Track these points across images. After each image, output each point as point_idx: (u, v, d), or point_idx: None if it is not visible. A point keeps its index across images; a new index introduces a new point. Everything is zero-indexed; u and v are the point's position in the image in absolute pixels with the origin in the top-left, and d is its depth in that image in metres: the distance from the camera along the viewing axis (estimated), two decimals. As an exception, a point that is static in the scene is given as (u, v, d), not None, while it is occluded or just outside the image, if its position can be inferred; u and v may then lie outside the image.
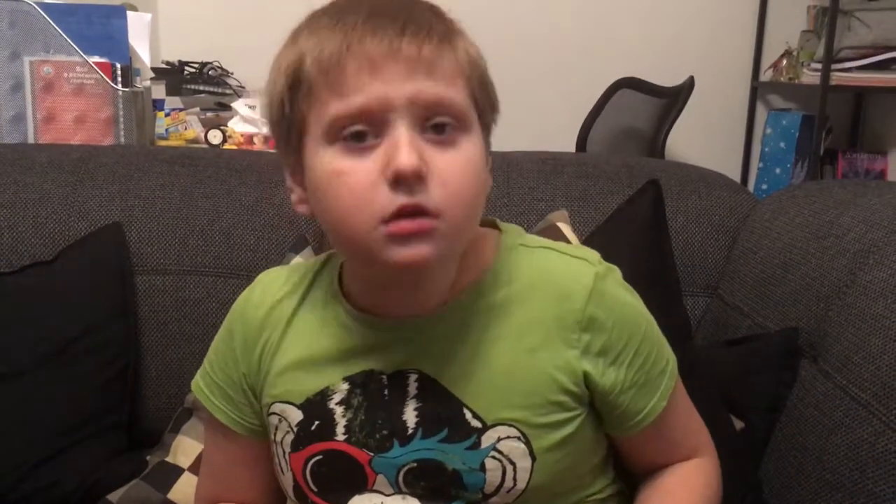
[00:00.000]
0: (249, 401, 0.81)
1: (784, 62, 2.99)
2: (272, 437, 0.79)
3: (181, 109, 2.43)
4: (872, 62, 2.65)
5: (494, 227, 0.80)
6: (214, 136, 2.23)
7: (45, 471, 1.07)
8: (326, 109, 0.65)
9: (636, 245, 1.12)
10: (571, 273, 0.75)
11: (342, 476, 0.75)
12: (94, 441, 1.12)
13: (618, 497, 0.82)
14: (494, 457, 0.72)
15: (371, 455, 0.74)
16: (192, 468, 1.09)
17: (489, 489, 0.72)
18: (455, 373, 0.73)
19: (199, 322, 1.22)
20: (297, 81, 0.67)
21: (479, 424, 0.72)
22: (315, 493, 0.77)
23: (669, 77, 2.73)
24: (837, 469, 0.86)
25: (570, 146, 2.71)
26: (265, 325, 0.79)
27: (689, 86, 2.61)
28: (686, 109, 2.59)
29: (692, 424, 0.83)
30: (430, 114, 0.66)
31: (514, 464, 0.72)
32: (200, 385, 0.84)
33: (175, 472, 1.09)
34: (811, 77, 2.77)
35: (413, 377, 0.74)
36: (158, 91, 2.38)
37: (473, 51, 0.70)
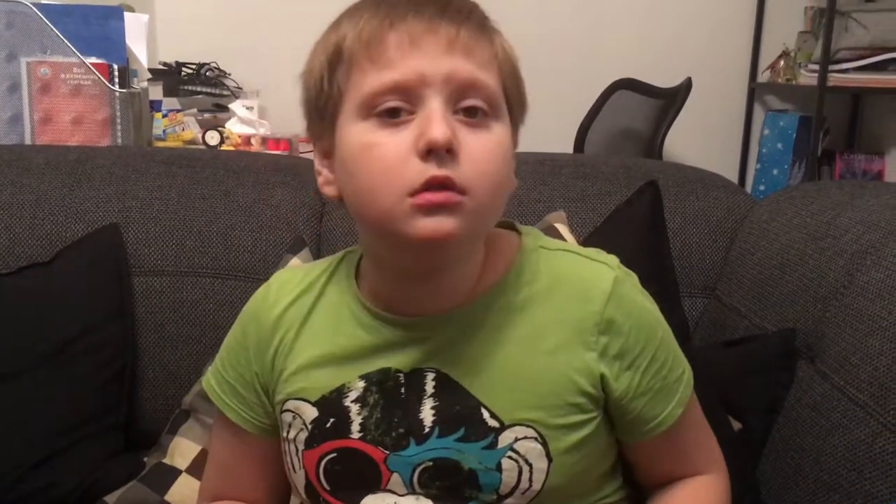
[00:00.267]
0: (261, 400, 0.81)
1: (781, 63, 2.99)
2: (285, 435, 0.79)
3: (178, 110, 2.43)
4: (870, 63, 2.65)
5: (513, 230, 0.80)
6: (212, 138, 2.23)
7: (43, 472, 1.07)
8: (365, 80, 0.67)
9: (634, 246, 1.12)
10: (591, 276, 0.75)
11: (356, 474, 0.75)
12: (92, 442, 1.12)
13: (626, 502, 0.82)
14: (511, 457, 0.72)
15: (386, 453, 0.74)
16: (190, 470, 1.09)
17: (504, 490, 0.72)
18: (473, 372, 0.73)
19: (197, 323, 1.22)
20: (338, 56, 0.69)
21: (497, 424, 0.72)
22: (328, 492, 0.76)
23: (667, 78, 2.73)
24: (835, 470, 0.86)
25: (568, 147, 2.71)
26: (279, 325, 0.79)
27: (687, 87, 2.61)
28: (684, 110, 2.59)
29: (705, 438, 0.83)
30: (464, 94, 0.67)
31: (531, 465, 0.72)
32: (212, 383, 0.84)
33: (172, 474, 1.09)
34: (808, 78, 2.77)
35: (430, 375, 0.74)
36: (156, 92, 2.38)
37: (508, 47, 0.72)
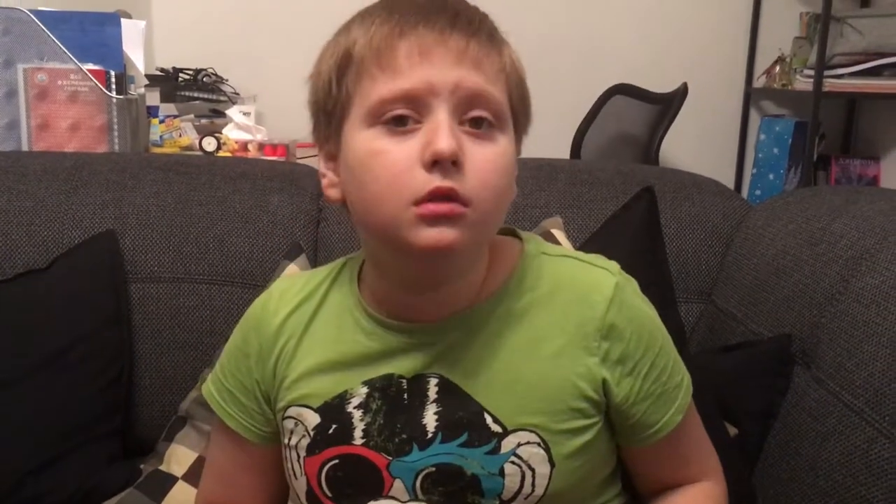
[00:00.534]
0: (262, 408, 0.81)
1: (777, 69, 3.00)
2: (286, 442, 0.79)
3: (175, 116, 2.43)
4: (865, 69, 2.66)
5: (514, 236, 0.81)
6: (209, 143, 2.23)
7: (39, 479, 1.07)
8: (374, 87, 0.68)
9: (630, 251, 1.12)
10: (593, 281, 0.76)
11: (358, 481, 0.75)
12: (88, 449, 1.12)
13: None
14: (514, 462, 0.72)
15: (389, 459, 0.74)
16: (186, 477, 1.09)
17: (507, 495, 0.72)
18: (476, 377, 0.74)
19: (193, 330, 1.22)
20: (347, 61, 0.69)
21: (500, 429, 0.72)
22: (329, 499, 0.76)
23: (663, 83, 2.74)
24: (831, 475, 0.86)
25: (565, 153, 2.71)
26: (281, 333, 0.79)
27: (683, 92, 2.61)
28: (680, 116, 2.59)
29: (703, 446, 0.83)
30: (471, 105, 0.68)
31: (534, 470, 0.72)
32: (212, 391, 0.84)
33: (169, 481, 1.09)
34: (804, 83, 2.78)
35: (433, 381, 0.74)
36: (153, 98, 2.37)
37: (516, 58, 0.73)
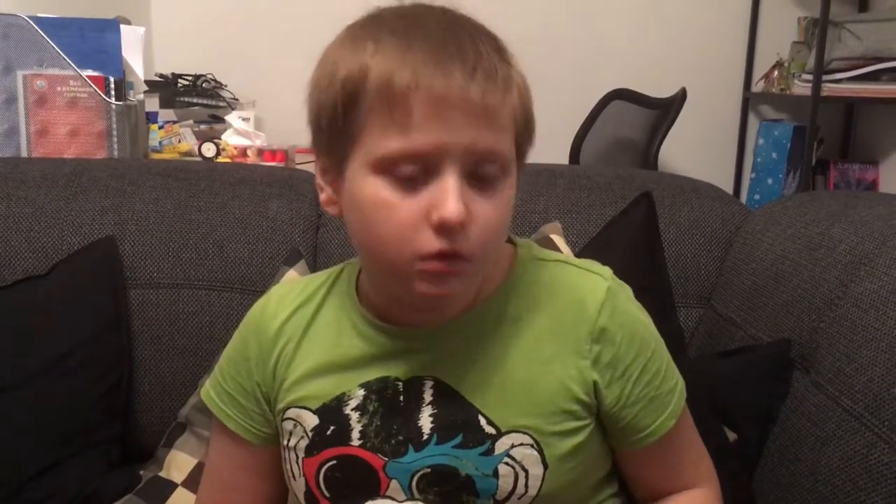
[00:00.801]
0: (262, 409, 0.82)
1: (775, 73, 3.00)
2: (285, 443, 0.80)
3: (175, 122, 2.43)
4: (863, 73, 2.66)
5: (508, 242, 0.81)
6: (208, 149, 2.23)
7: (39, 485, 1.07)
8: (384, 142, 0.66)
9: (629, 256, 1.13)
10: (585, 286, 0.77)
11: (355, 481, 0.76)
12: (88, 455, 1.12)
13: None
14: (507, 463, 0.73)
15: (385, 460, 0.75)
16: (186, 483, 1.09)
17: (501, 495, 0.73)
18: (471, 380, 0.75)
19: (193, 335, 1.22)
20: (356, 95, 0.66)
21: (494, 431, 0.74)
22: (327, 499, 0.77)
23: (662, 88, 2.74)
24: (830, 480, 0.86)
25: (564, 158, 2.72)
26: (281, 335, 0.81)
27: (682, 97, 2.62)
28: (678, 120, 2.60)
29: (697, 453, 0.84)
30: (481, 162, 0.67)
31: (527, 471, 0.73)
32: (211, 394, 0.85)
33: (169, 487, 1.09)
34: (802, 88, 2.79)
35: (429, 384, 0.75)
36: (152, 104, 2.38)
37: (524, 84, 0.71)
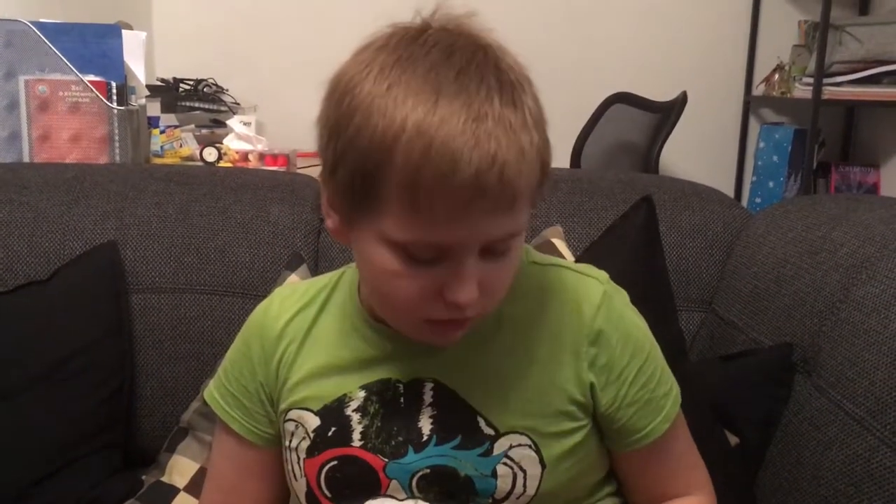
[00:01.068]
0: (266, 410, 0.83)
1: (776, 76, 3.00)
2: (287, 444, 0.81)
3: (176, 127, 2.43)
4: (864, 76, 2.66)
5: None
6: (209, 154, 2.23)
7: (41, 490, 1.07)
8: (405, 228, 0.64)
9: (630, 260, 1.13)
10: (582, 289, 0.78)
11: (356, 482, 0.77)
12: (90, 460, 1.12)
13: None
14: (506, 464, 0.74)
15: (386, 461, 0.75)
16: (188, 488, 1.09)
17: (500, 495, 0.74)
18: (470, 382, 0.76)
19: (195, 340, 1.22)
20: (381, 165, 0.63)
21: (492, 432, 0.74)
22: (328, 499, 0.78)
23: (663, 92, 2.74)
24: (833, 484, 0.86)
25: (565, 161, 2.72)
26: (283, 336, 0.81)
27: (683, 100, 2.62)
28: (679, 124, 2.60)
29: (692, 459, 0.84)
30: (498, 242, 0.67)
31: (525, 471, 0.74)
32: (214, 395, 0.86)
33: (171, 492, 1.09)
34: (803, 91, 2.79)
35: (429, 386, 0.76)
36: (153, 108, 2.38)
37: (542, 127, 0.68)
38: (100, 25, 1.69)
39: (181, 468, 1.11)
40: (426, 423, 0.76)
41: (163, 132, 2.31)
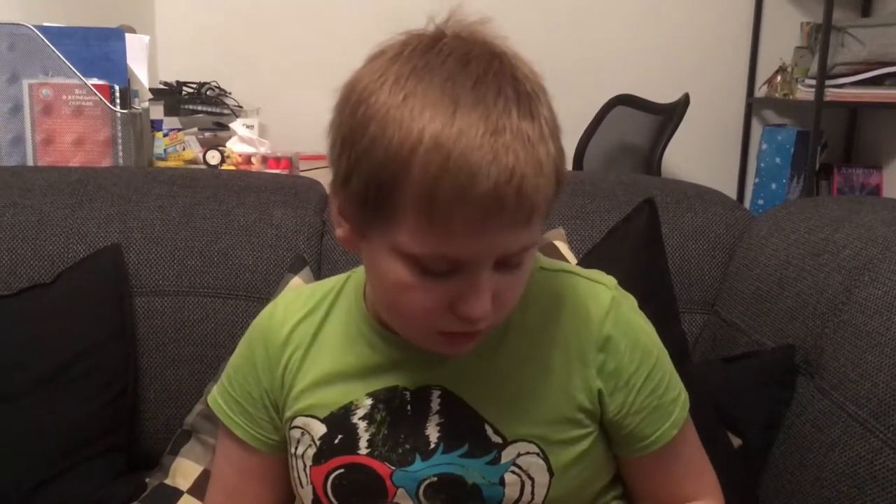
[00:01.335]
0: (270, 416, 0.82)
1: (778, 78, 3.00)
2: (293, 451, 0.80)
3: (179, 130, 2.44)
4: (866, 78, 2.66)
5: None
6: (213, 157, 2.24)
7: (45, 493, 1.07)
8: (418, 244, 0.63)
9: (632, 262, 1.13)
10: (590, 295, 0.77)
11: (362, 489, 0.76)
12: (94, 463, 1.12)
13: None
14: (514, 472, 0.74)
15: (392, 469, 0.75)
16: (192, 490, 1.09)
17: (507, 503, 0.74)
18: (477, 390, 0.75)
19: (198, 343, 1.22)
20: (397, 178, 0.62)
21: (500, 440, 0.74)
22: None
23: (665, 94, 2.74)
24: (836, 486, 0.86)
25: (567, 163, 2.72)
26: (289, 343, 0.81)
27: (685, 102, 2.62)
28: (682, 126, 2.60)
29: (700, 465, 0.84)
30: (513, 256, 0.66)
31: (533, 479, 0.74)
32: (218, 400, 0.85)
33: (174, 495, 1.09)
34: (806, 93, 2.78)
35: (436, 393, 0.76)
36: (157, 111, 2.38)
37: (556, 137, 0.67)
38: (103, 29, 1.69)
39: (185, 471, 1.11)
40: (433, 431, 0.75)
41: (166, 135, 2.31)
